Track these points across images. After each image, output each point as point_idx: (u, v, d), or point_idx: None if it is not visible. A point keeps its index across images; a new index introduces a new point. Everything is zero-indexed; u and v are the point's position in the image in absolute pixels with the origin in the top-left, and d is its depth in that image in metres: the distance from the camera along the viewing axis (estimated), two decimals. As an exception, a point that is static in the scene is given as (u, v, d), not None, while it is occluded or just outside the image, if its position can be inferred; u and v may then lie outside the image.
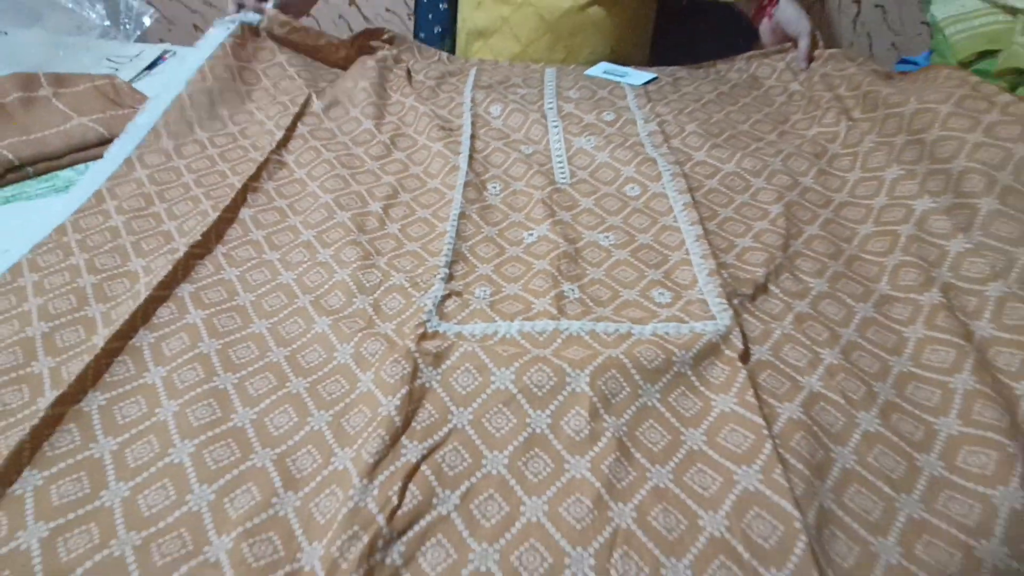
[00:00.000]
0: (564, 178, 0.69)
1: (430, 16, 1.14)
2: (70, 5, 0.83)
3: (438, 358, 0.46)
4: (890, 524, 0.38)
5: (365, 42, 0.95)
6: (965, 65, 0.79)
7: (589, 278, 0.55)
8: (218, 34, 0.84)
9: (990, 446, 0.40)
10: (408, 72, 0.90)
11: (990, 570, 0.35)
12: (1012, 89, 0.70)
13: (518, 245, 0.59)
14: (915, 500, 0.39)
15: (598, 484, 0.38)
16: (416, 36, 1.15)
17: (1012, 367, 0.45)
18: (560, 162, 0.71)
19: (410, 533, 0.36)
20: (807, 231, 0.61)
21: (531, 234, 0.60)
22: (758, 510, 0.37)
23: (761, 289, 0.53)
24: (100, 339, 0.46)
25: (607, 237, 0.60)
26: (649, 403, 0.43)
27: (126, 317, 0.48)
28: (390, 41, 0.96)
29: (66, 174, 0.68)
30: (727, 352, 0.46)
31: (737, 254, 0.58)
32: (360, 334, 0.48)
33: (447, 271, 0.55)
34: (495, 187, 0.68)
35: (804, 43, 0.87)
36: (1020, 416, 0.42)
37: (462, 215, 0.62)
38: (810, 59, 0.88)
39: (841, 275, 0.56)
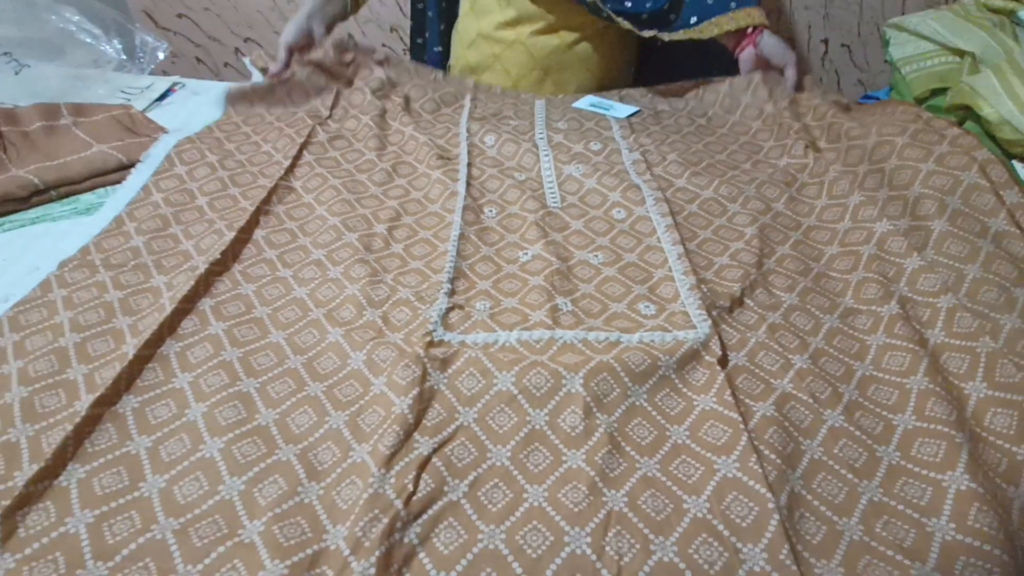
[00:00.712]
0: (555, 202, 0.74)
1: (426, 58, 1.20)
2: (89, 40, 0.88)
3: (445, 363, 0.50)
4: (853, 506, 0.42)
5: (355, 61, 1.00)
6: (920, 101, 0.86)
7: (580, 293, 0.60)
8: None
9: (940, 437, 0.45)
10: (406, 100, 0.95)
11: (939, 543, 0.40)
12: (960, 123, 0.77)
13: (514, 263, 0.64)
14: (875, 486, 0.43)
15: (593, 473, 0.43)
16: None
17: (960, 369, 0.50)
18: (551, 188, 0.77)
19: (425, 516, 0.40)
20: (779, 251, 0.66)
21: (526, 253, 0.65)
22: (736, 494, 0.41)
23: (737, 302, 0.59)
24: (130, 348, 0.50)
25: (596, 256, 0.65)
26: (637, 402, 0.48)
27: (154, 328, 0.52)
28: (384, 62, 1.01)
29: (87, 197, 0.72)
30: (707, 358, 0.51)
31: (715, 271, 0.63)
32: (371, 343, 0.52)
33: (449, 286, 0.59)
34: (491, 211, 0.73)
35: (792, 72, 0.91)
36: (967, 411, 0.48)
37: (461, 236, 0.67)
38: (800, 86, 0.92)
39: (810, 290, 0.61)
